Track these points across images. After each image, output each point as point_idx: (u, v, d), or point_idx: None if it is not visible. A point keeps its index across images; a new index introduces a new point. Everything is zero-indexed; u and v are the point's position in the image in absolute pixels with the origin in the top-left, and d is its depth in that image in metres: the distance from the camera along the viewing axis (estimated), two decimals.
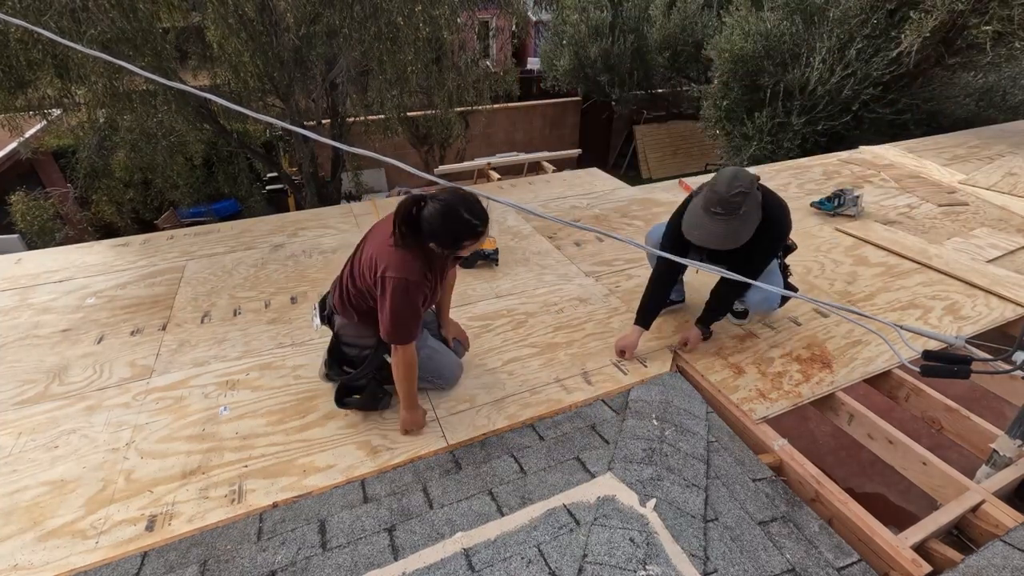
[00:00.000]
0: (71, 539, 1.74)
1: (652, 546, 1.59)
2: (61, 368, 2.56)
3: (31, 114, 5.39)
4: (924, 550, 1.77)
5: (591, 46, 10.33)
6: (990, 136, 6.20)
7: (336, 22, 4.85)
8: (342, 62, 5.62)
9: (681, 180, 4.86)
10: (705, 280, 3.23)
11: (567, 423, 2.18)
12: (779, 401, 2.31)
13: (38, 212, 7.62)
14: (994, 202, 4.47)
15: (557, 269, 3.39)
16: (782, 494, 1.91)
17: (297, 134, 6.47)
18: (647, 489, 1.79)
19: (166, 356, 2.62)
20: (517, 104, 11.82)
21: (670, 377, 2.44)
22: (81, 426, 2.20)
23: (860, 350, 2.62)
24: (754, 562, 1.63)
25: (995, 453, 2.01)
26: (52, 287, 3.28)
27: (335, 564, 1.60)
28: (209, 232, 3.99)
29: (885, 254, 3.58)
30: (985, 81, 6.94)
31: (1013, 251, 3.66)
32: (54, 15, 3.80)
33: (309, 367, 2.52)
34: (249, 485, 1.92)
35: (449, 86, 6.01)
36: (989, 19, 5.59)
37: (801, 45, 6.63)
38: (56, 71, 4.59)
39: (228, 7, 4.67)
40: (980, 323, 2.86)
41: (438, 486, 1.88)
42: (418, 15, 4.76)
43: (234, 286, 3.24)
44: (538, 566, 1.56)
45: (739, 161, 7.40)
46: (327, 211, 4.38)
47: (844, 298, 3.10)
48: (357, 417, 2.21)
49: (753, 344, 2.68)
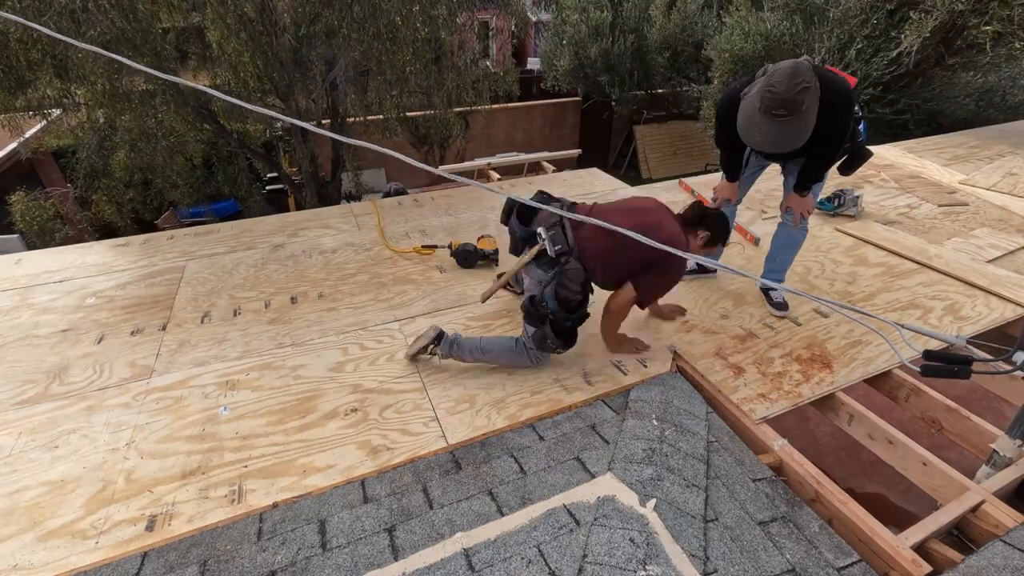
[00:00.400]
0: (71, 539, 1.74)
1: (652, 546, 1.59)
2: (61, 368, 2.56)
3: (31, 114, 5.39)
4: (924, 550, 1.77)
5: (591, 46, 10.33)
6: (990, 136, 6.20)
7: (335, 22, 4.86)
8: (341, 62, 5.62)
9: (681, 180, 4.86)
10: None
11: (567, 423, 2.18)
12: (779, 401, 2.31)
13: (38, 212, 7.62)
14: (994, 202, 4.47)
15: None
16: (782, 494, 1.91)
17: (297, 133, 6.48)
18: (647, 489, 1.79)
19: (166, 356, 2.62)
20: (517, 104, 11.82)
21: (670, 377, 2.44)
22: (81, 426, 2.20)
23: (860, 350, 2.62)
24: (754, 562, 1.63)
25: (995, 453, 2.01)
26: (52, 287, 3.27)
27: (335, 564, 1.60)
28: (209, 232, 3.99)
29: (885, 254, 3.57)
30: (985, 81, 6.94)
31: (1013, 251, 3.66)
32: (53, 15, 3.80)
33: (309, 367, 2.52)
34: (249, 485, 1.92)
35: (448, 86, 6.01)
36: (989, 19, 5.59)
37: (801, 45, 6.63)
38: (56, 71, 4.59)
39: (228, 7, 4.67)
40: (980, 323, 2.86)
41: (438, 486, 1.88)
42: (416, 15, 4.77)
43: (234, 286, 3.24)
44: (538, 566, 1.56)
45: None
46: (327, 211, 4.38)
47: (844, 298, 3.10)
48: (357, 417, 2.21)
49: (753, 344, 2.68)
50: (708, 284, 3.20)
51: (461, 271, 3.34)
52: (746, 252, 3.63)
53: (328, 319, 2.88)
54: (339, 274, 3.34)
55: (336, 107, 6.48)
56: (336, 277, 3.30)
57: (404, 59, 4.98)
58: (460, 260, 3.35)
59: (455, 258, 3.36)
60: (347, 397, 2.33)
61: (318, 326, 2.82)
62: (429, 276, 3.29)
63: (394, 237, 3.81)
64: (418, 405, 2.28)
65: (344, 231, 3.95)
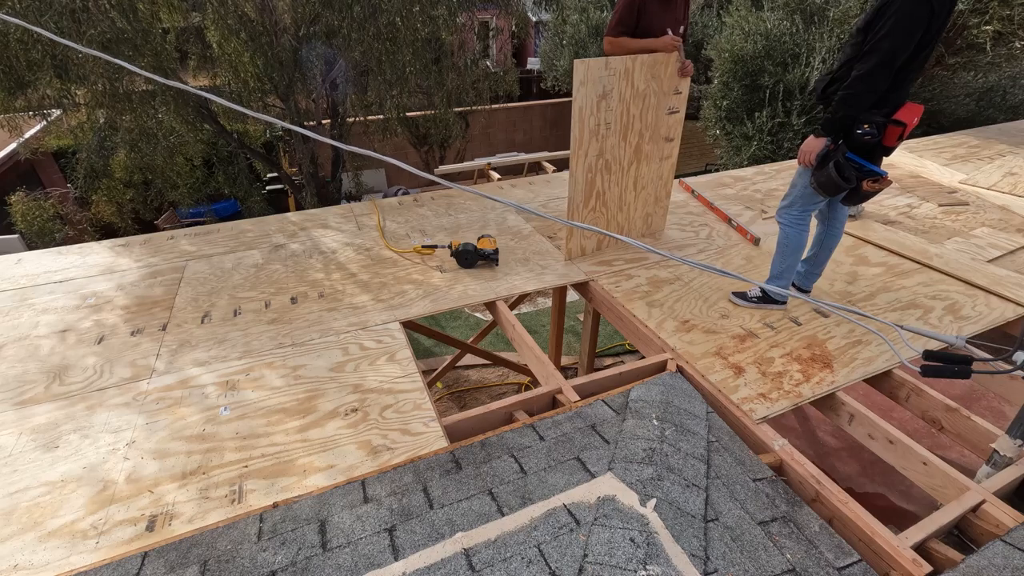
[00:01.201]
0: (71, 539, 1.74)
1: (652, 546, 1.59)
2: (61, 368, 2.56)
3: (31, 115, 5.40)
4: (924, 550, 1.78)
5: (591, 46, 10.34)
6: (990, 136, 6.20)
7: (335, 22, 4.87)
8: (341, 62, 5.63)
9: (681, 180, 4.86)
10: None
11: (567, 423, 2.18)
12: (779, 401, 2.31)
13: (38, 212, 7.63)
14: (994, 202, 4.47)
15: (557, 269, 3.39)
16: (782, 494, 1.91)
17: (297, 134, 6.48)
18: (647, 489, 1.79)
19: (166, 356, 2.62)
20: (517, 104, 11.83)
21: (670, 377, 2.44)
22: (81, 426, 2.20)
23: (860, 350, 2.62)
24: (754, 562, 1.63)
25: (995, 453, 2.01)
26: (52, 287, 3.28)
27: (335, 564, 1.60)
28: (209, 232, 3.99)
29: (885, 254, 3.58)
30: (985, 81, 6.95)
31: (1013, 251, 3.66)
32: (54, 15, 3.80)
33: (309, 367, 2.52)
34: (249, 485, 1.92)
35: (448, 86, 6.02)
36: (989, 19, 5.59)
37: (801, 45, 6.63)
38: (56, 72, 4.60)
39: (228, 8, 4.68)
40: (980, 323, 2.86)
41: (438, 486, 1.88)
42: (416, 15, 4.77)
43: (234, 286, 3.24)
44: (538, 566, 1.56)
45: (739, 161, 7.41)
46: (327, 211, 4.38)
47: (844, 298, 3.10)
48: (357, 417, 2.21)
49: (753, 344, 2.68)
50: (708, 284, 3.20)
51: (461, 271, 3.34)
52: (746, 252, 3.63)
53: (328, 319, 2.88)
54: (339, 274, 3.34)
55: (336, 107, 6.49)
56: (336, 277, 3.30)
57: (404, 59, 4.99)
58: (460, 260, 3.35)
59: (455, 258, 3.36)
60: (347, 397, 2.33)
61: (318, 326, 2.82)
62: (429, 276, 3.29)
63: (394, 237, 3.81)
64: (418, 405, 2.29)
65: (344, 231, 3.95)
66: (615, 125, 3.15)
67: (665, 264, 3.42)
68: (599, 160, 3.21)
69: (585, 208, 3.35)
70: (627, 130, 3.22)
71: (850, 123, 2.44)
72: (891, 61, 2.27)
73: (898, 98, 2.41)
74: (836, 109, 2.44)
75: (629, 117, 3.18)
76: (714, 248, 3.69)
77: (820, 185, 2.57)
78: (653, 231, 3.84)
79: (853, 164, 2.49)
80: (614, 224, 3.55)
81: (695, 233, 3.93)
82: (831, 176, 2.52)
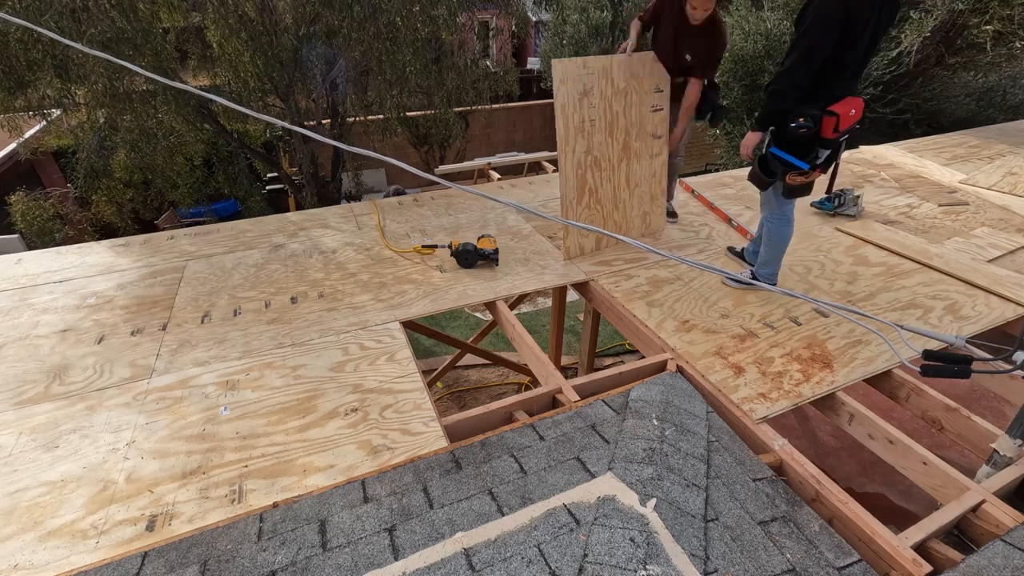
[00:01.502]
0: (71, 539, 1.74)
1: (652, 546, 1.59)
2: (61, 368, 2.56)
3: (31, 114, 5.40)
4: (924, 550, 1.78)
5: (591, 46, 10.34)
6: (990, 136, 6.19)
7: (335, 22, 4.87)
8: (341, 62, 5.63)
9: (681, 180, 4.86)
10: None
11: (567, 423, 2.18)
12: (779, 401, 2.31)
13: (38, 212, 7.64)
14: (994, 202, 4.47)
15: (557, 269, 3.39)
16: (782, 494, 1.91)
17: (297, 134, 6.48)
18: (647, 489, 1.79)
19: (166, 356, 2.62)
20: (517, 104, 11.83)
21: (670, 377, 2.44)
22: (81, 426, 2.20)
23: (860, 350, 2.62)
24: (754, 562, 1.63)
25: (995, 453, 2.01)
26: (52, 287, 3.28)
27: (335, 564, 1.60)
28: (209, 232, 3.99)
29: (885, 254, 3.58)
30: (985, 81, 6.95)
31: (1013, 251, 3.66)
32: (54, 15, 3.80)
33: (309, 367, 2.52)
34: (249, 485, 1.92)
35: (448, 86, 6.02)
36: (989, 19, 5.59)
37: None
38: (56, 71, 4.60)
39: (228, 7, 4.68)
40: (980, 323, 2.86)
41: (438, 486, 1.88)
42: (416, 15, 4.78)
43: (234, 286, 3.24)
44: (538, 566, 1.56)
45: (739, 161, 7.41)
46: (327, 211, 4.38)
47: (844, 298, 3.10)
48: (357, 416, 2.21)
49: (753, 344, 2.68)
50: (708, 284, 3.20)
51: (461, 271, 3.34)
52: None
53: (328, 319, 2.88)
54: (339, 274, 3.34)
55: (336, 107, 6.49)
56: (336, 277, 3.30)
57: (404, 59, 4.99)
58: (460, 260, 3.35)
59: (455, 258, 3.36)
60: (347, 397, 2.33)
61: (318, 326, 2.82)
62: (429, 276, 3.29)
63: (394, 237, 3.81)
64: (418, 405, 2.29)
65: (344, 231, 3.95)
66: (600, 122, 3.17)
67: (665, 264, 3.42)
68: (587, 156, 3.23)
69: (579, 205, 3.36)
70: (612, 127, 3.25)
71: (783, 117, 2.54)
72: (808, 58, 2.38)
73: (839, 92, 2.50)
74: (765, 104, 2.58)
75: (613, 114, 3.21)
76: (714, 248, 3.69)
77: (749, 178, 2.71)
78: (652, 231, 3.84)
79: (778, 159, 2.60)
80: (611, 223, 3.55)
81: (695, 233, 3.93)
82: (754, 170, 2.69)
